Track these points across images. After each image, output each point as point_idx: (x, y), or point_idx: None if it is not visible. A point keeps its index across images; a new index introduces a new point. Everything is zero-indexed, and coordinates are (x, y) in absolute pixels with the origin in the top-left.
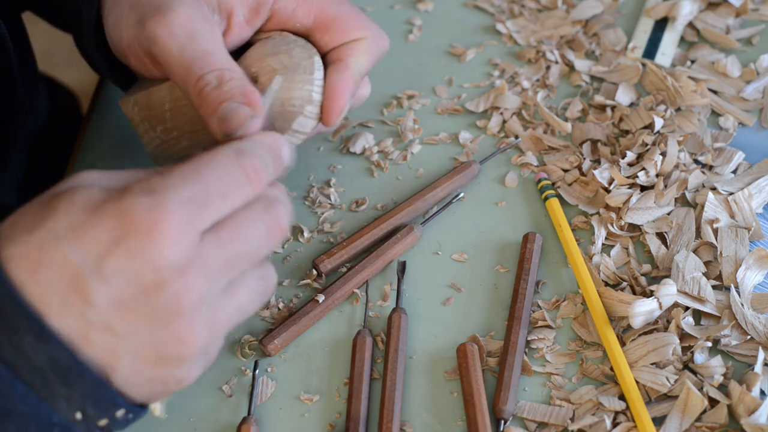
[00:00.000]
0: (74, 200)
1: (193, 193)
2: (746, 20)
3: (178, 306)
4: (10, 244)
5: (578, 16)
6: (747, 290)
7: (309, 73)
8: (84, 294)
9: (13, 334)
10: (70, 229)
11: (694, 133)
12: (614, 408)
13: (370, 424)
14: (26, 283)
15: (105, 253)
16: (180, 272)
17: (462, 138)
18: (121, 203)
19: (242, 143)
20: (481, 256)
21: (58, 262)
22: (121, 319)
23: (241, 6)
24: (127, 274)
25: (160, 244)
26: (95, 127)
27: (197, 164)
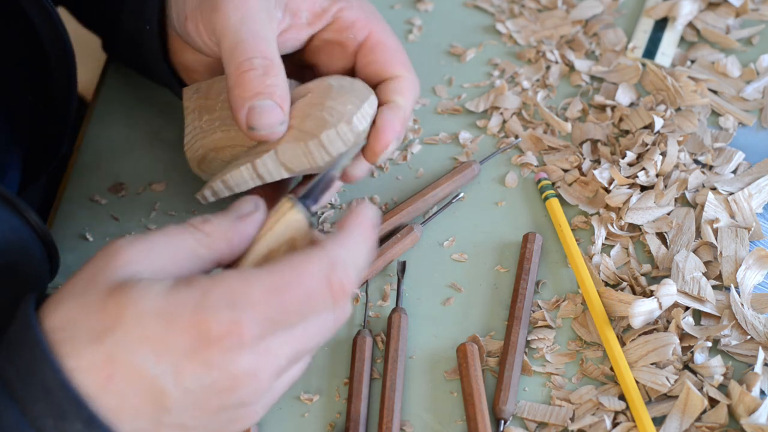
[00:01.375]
0: (141, 307)
1: (275, 314)
2: (746, 20)
3: (248, 401)
4: (74, 353)
5: (578, 16)
6: (747, 290)
7: (360, 100)
8: (161, 403)
9: (60, 419)
10: (144, 341)
11: (694, 133)
12: (614, 408)
13: (370, 424)
14: (98, 393)
15: (183, 364)
16: (253, 375)
17: (462, 138)
18: (199, 315)
19: (337, 248)
20: (481, 256)
21: (132, 374)
22: (192, 417)
23: (307, 8)
24: (203, 383)
25: (237, 357)
26: (95, 127)
27: (284, 278)
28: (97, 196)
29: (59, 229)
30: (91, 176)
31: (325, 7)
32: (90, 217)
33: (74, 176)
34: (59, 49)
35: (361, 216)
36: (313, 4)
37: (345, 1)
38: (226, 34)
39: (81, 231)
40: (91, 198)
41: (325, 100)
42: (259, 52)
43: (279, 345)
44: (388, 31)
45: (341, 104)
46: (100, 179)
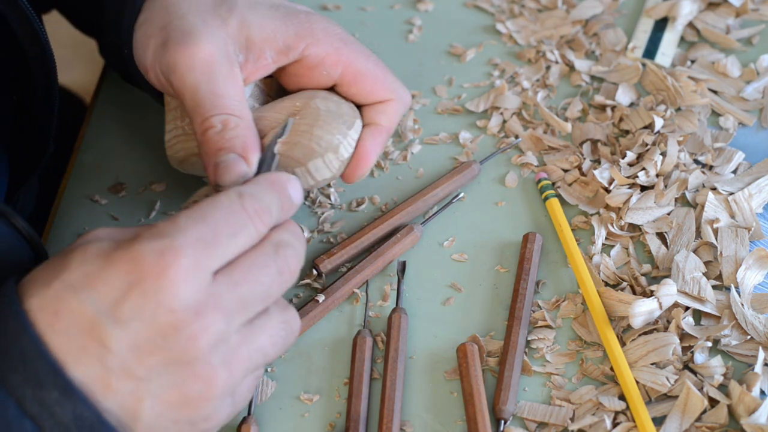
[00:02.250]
0: (87, 251)
1: (201, 234)
2: (746, 20)
3: (196, 346)
4: (29, 297)
5: (578, 16)
6: (747, 290)
7: (347, 128)
8: (101, 340)
9: (39, 388)
10: (85, 278)
11: (694, 133)
12: (614, 408)
13: (370, 424)
14: (46, 333)
15: (120, 299)
16: (195, 313)
17: (462, 138)
18: (131, 249)
19: (244, 186)
20: (481, 256)
21: (74, 310)
22: (140, 363)
23: (270, 48)
24: (143, 318)
25: (174, 286)
26: (95, 127)
27: (202, 207)
28: (97, 196)
29: (59, 229)
30: (91, 176)
31: (289, 44)
32: (90, 217)
33: (74, 176)
34: (37, 50)
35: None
36: (275, 43)
37: (311, 35)
38: (184, 95)
39: (81, 231)
40: (91, 198)
41: (313, 129)
42: (217, 109)
43: (219, 282)
44: (364, 55)
45: (329, 133)
46: (100, 179)
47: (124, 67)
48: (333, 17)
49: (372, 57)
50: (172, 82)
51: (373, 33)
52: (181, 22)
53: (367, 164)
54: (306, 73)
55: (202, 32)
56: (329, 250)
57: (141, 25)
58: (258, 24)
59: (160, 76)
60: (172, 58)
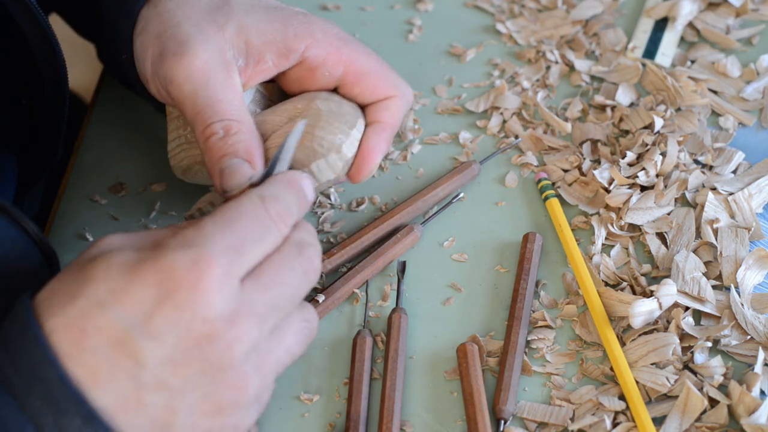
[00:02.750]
0: (110, 264)
1: (229, 242)
2: (746, 20)
3: (231, 355)
4: (50, 317)
5: (578, 16)
6: (747, 290)
7: (349, 127)
8: (134, 355)
9: (60, 415)
10: (111, 293)
11: (694, 133)
12: (614, 408)
13: (370, 424)
14: (72, 354)
15: (151, 312)
16: (230, 321)
17: (462, 138)
18: (160, 260)
19: (263, 188)
20: (481, 256)
21: (102, 327)
22: (174, 375)
23: (271, 52)
24: (177, 330)
25: (208, 296)
26: (95, 128)
27: (226, 214)
28: (97, 196)
29: (59, 229)
30: (91, 176)
31: (289, 46)
32: (90, 217)
33: (74, 176)
34: (47, 52)
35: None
36: (275, 46)
37: (310, 36)
38: (184, 104)
39: (81, 231)
40: (91, 198)
41: (314, 129)
42: (217, 116)
43: (249, 288)
44: (365, 53)
45: (330, 133)
46: (100, 179)
47: (122, 72)
48: (333, 17)
49: (373, 55)
50: (170, 93)
51: (373, 33)
52: (175, 31)
53: (372, 163)
54: (307, 75)
55: (197, 40)
56: (329, 250)
57: (139, 34)
58: (256, 28)
59: (160, 89)
60: (168, 70)
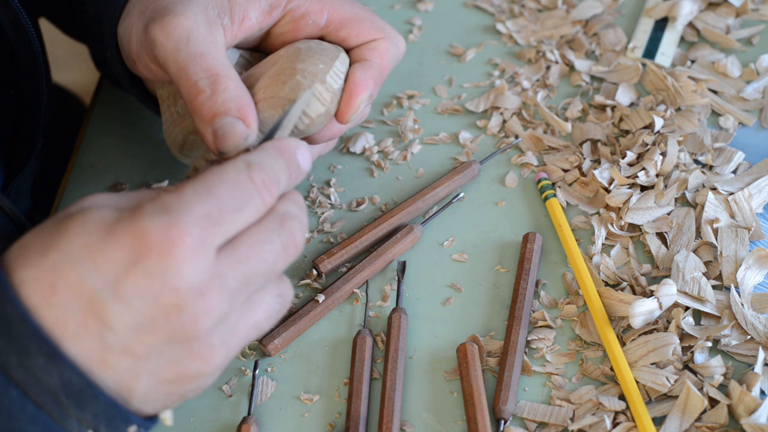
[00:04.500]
0: (86, 220)
1: (207, 210)
2: (746, 20)
3: (198, 327)
4: (21, 267)
5: (578, 16)
6: (747, 290)
7: (330, 58)
8: (102, 317)
9: (23, 355)
10: (85, 250)
11: (694, 133)
12: (614, 408)
13: (370, 424)
14: (41, 306)
15: (122, 275)
16: (199, 294)
17: (462, 138)
18: (135, 223)
19: (252, 154)
20: (481, 256)
21: (73, 284)
22: (140, 342)
23: (254, 9)
24: (145, 296)
25: (179, 265)
26: (95, 128)
27: (208, 180)
28: None
29: None
30: (91, 176)
31: (272, 3)
32: None
33: (74, 176)
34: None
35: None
36: (260, 4)
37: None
38: (167, 65)
39: None
40: None
41: (295, 63)
42: (202, 71)
43: (223, 261)
44: (350, 3)
45: (312, 65)
46: (100, 179)
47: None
48: None
49: (357, 2)
50: (156, 57)
51: None
52: (158, 3)
53: (359, 97)
54: (292, 28)
55: (179, 4)
56: (329, 250)
57: (122, 20)
58: None
59: (146, 61)
60: (152, 35)
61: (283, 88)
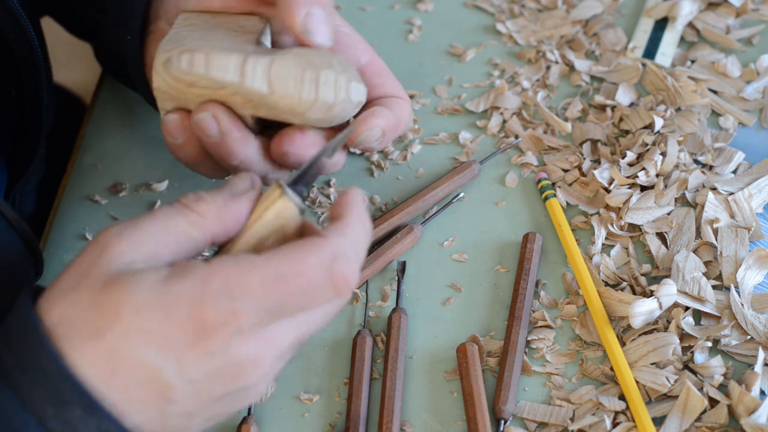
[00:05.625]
0: (138, 300)
1: (272, 305)
2: (746, 20)
3: (252, 384)
4: (75, 350)
5: (578, 16)
6: (747, 290)
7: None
8: (166, 395)
9: (61, 406)
10: (144, 334)
11: (694, 133)
12: (614, 408)
13: (370, 424)
14: (102, 390)
15: (185, 355)
16: (256, 362)
17: (462, 138)
18: (197, 307)
19: (344, 243)
20: (481, 256)
21: (136, 368)
22: (197, 405)
23: None
24: (208, 372)
25: (239, 344)
26: (95, 128)
27: (284, 268)
28: (97, 196)
29: (59, 229)
30: (90, 176)
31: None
32: (90, 217)
33: (74, 176)
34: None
35: (358, 203)
36: None
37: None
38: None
39: (81, 231)
40: (91, 198)
41: (332, 58)
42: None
43: (281, 332)
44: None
45: (346, 66)
46: (99, 179)
47: (122, 66)
48: None
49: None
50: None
51: (373, 33)
52: None
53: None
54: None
55: None
56: None
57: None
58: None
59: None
60: None
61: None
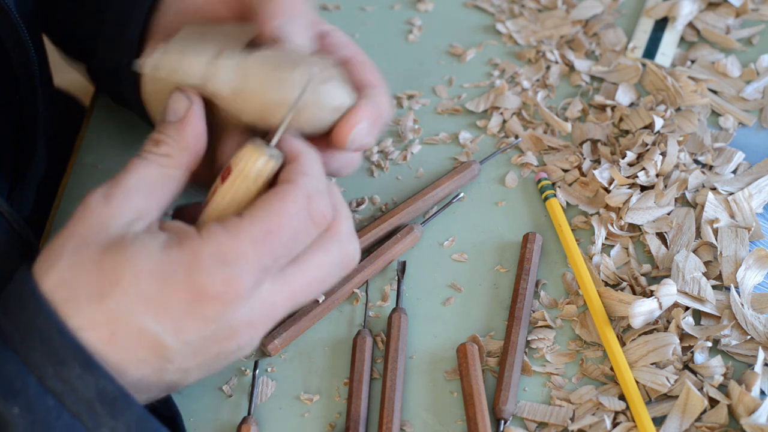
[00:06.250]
0: (137, 267)
1: (265, 261)
2: (746, 20)
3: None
4: (76, 313)
5: (578, 16)
6: (747, 290)
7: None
8: (164, 355)
9: (60, 365)
10: (143, 301)
11: (694, 133)
12: (614, 408)
13: (370, 424)
14: (102, 350)
15: (182, 321)
16: (251, 325)
17: (462, 138)
18: (194, 277)
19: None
20: (481, 256)
21: (135, 332)
22: (193, 362)
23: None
24: (204, 336)
25: (235, 308)
26: (94, 128)
27: (269, 223)
28: None
29: (59, 229)
30: (91, 176)
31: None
32: None
33: (74, 176)
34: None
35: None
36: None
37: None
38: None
39: None
40: None
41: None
42: None
43: (274, 293)
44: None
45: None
46: (100, 179)
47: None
48: (333, 17)
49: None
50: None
51: (373, 33)
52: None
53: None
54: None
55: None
56: None
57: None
58: None
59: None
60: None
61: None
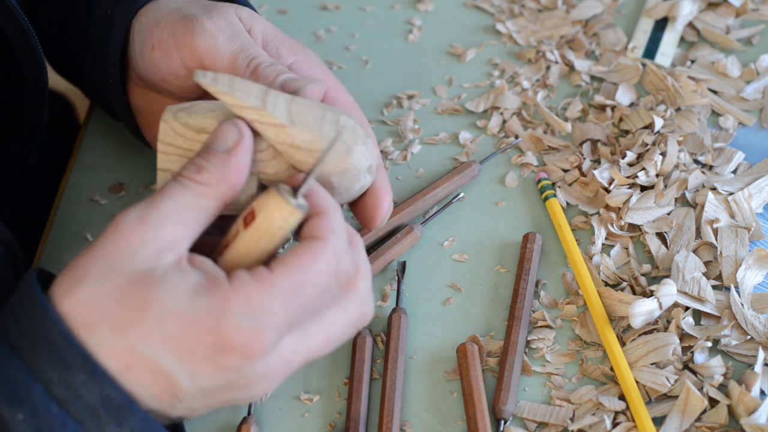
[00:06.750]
0: (164, 307)
1: (291, 318)
2: (746, 20)
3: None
4: (96, 340)
5: (578, 16)
6: (747, 290)
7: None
8: (176, 395)
9: (65, 371)
10: (165, 340)
11: (694, 133)
12: (614, 408)
13: (370, 424)
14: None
15: (200, 367)
16: (266, 378)
17: (462, 138)
18: (221, 326)
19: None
20: (481, 256)
21: (151, 369)
22: (202, 403)
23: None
24: (220, 383)
25: (255, 361)
26: (95, 128)
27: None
28: (97, 196)
29: (59, 229)
30: (91, 176)
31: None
32: (90, 217)
33: (74, 176)
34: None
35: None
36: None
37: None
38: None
39: (81, 231)
40: (91, 198)
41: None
42: (255, 53)
43: (294, 348)
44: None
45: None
46: (100, 179)
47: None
48: (333, 17)
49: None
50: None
51: (373, 33)
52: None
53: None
54: None
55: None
56: None
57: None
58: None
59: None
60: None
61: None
